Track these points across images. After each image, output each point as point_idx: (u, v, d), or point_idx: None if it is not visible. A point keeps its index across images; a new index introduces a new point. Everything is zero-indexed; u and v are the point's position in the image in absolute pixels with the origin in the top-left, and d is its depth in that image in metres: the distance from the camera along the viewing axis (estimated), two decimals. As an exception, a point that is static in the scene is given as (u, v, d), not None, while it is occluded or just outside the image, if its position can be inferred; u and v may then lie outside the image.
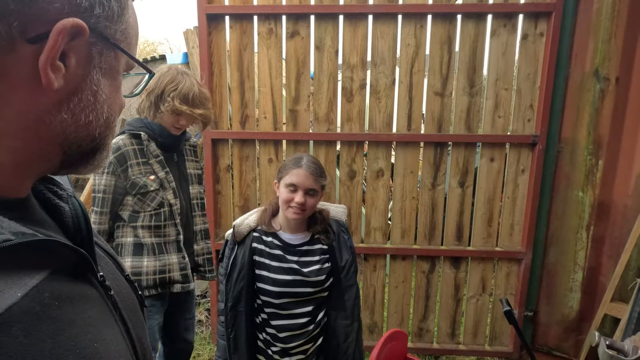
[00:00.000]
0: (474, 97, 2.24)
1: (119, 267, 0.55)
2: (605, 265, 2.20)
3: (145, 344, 0.53)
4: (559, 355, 2.39)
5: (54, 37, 0.35)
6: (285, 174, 1.26)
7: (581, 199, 2.22)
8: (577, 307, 2.30)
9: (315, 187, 1.25)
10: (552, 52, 2.13)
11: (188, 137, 1.72)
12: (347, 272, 1.32)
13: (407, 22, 2.19)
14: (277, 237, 1.31)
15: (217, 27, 2.24)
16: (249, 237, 1.31)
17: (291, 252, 1.30)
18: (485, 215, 2.36)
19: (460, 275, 2.43)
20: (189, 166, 1.71)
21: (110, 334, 0.42)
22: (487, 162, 2.31)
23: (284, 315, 1.30)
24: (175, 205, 1.57)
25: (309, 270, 1.28)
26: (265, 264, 1.29)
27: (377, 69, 2.25)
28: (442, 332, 2.50)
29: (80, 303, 0.39)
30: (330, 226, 1.35)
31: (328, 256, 1.33)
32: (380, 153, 2.32)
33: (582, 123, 2.17)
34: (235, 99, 2.30)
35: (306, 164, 1.25)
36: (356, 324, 1.35)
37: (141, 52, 11.87)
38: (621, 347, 0.74)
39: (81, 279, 0.41)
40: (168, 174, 1.57)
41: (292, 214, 1.25)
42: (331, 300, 1.34)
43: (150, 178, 1.51)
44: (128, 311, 0.49)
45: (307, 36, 2.22)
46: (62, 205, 0.46)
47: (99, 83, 0.41)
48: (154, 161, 1.54)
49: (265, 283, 1.28)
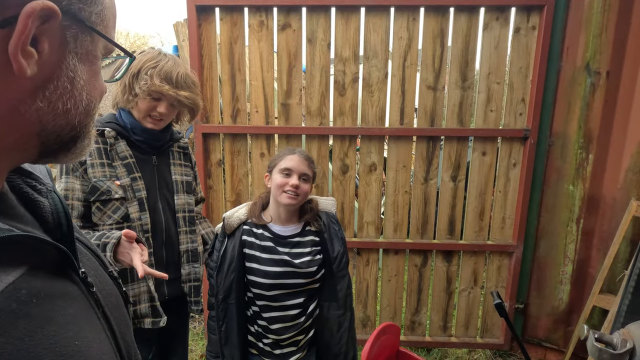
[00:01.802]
0: (467, 91, 2.24)
1: (102, 263, 0.54)
2: (595, 257, 2.23)
3: (130, 341, 0.52)
4: (548, 346, 2.43)
5: (23, 21, 0.33)
6: (278, 161, 1.28)
7: (571, 193, 2.24)
8: (566, 299, 2.33)
9: (309, 173, 1.28)
10: (544, 46, 2.13)
11: (177, 137, 1.44)
12: (339, 263, 1.33)
13: (400, 15, 2.17)
14: (267, 229, 1.31)
15: (207, 19, 2.20)
16: (239, 229, 1.30)
17: (282, 243, 1.29)
18: (477, 209, 2.37)
19: (452, 269, 2.45)
20: (174, 171, 1.40)
21: (93, 332, 0.41)
22: (479, 156, 2.32)
23: (275, 307, 1.29)
24: (139, 221, 1.27)
25: (300, 262, 1.28)
26: (255, 256, 1.28)
27: (370, 63, 2.23)
28: (434, 325, 2.53)
29: (59, 300, 0.38)
30: (320, 217, 1.35)
31: (319, 247, 1.33)
32: (372, 147, 2.32)
33: (573, 117, 2.19)
34: (226, 93, 2.27)
35: (299, 151, 1.30)
36: (349, 313, 1.36)
37: (132, 46, 11.70)
38: (610, 340, 0.75)
39: (61, 275, 0.40)
40: (135, 181, 1.27)
41: (286, 198, 1.25)
42: (323, 291, 1.34)
43: (116, 183, 1.24)
44: (111, 308, 0.48)
45: (298, 29, 2.20)
46: (41, 200, 0.44)
47: (75, 69, 0.39)
48: (119, 164, 1.26)
49: (256, 275, 1.28)
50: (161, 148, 1.38)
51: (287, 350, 1.33)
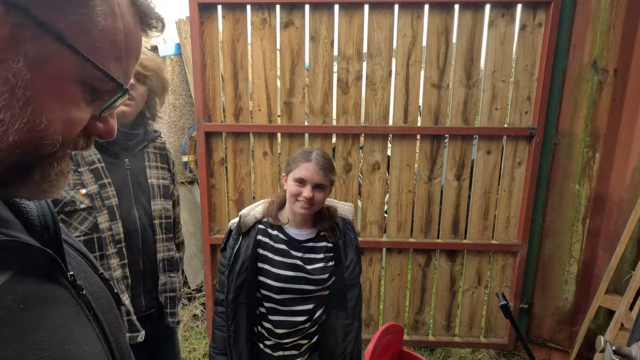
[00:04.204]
0: (471, 89, 2.21)
1: (92, 265, 0.53)
2: (601, 257, 2.21)
3: (123, 343, 0.51)
4: (553, 346, 2.41)
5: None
6: (293, 167, 1.23)
7: (577, 192, 2.22)
8: (571, 300, 2.31)
9: (324, 182, 1.22)
10: (551, 43, 2.10)
11: (152, 137, 1.34)
12: (351, 272, 1.30)
13: (404, 12, 2.14)
14: (282, 231, 1.28)
15: (210, 16, 2.18)
16: (254, 228, 1.27)
17: (296, 247, 1.27)
18: (481, 208, 2.35)
19: (456, 268, 2.43)
20: (150, 175, 1.30)
21: (83, 335, 0.40)
22: (484, 154, 2.29)
23: (283, 311, 1.28)
24: (110, 231, 1.18)
25: (312, 268, 1.26)
26: (268, 257, 1.26)
27: (373, 60, 2.21)
28: (437, 324, 2.51)
29: (48, 304, 0.37)
30: (337, 224, 1.32)
31: (332, 254, 1.30)
32: (376, 146, 2.30)
33: (580, 115, 2.16)
34: (229, 91, 2.26)
35: (315, 158, 1.22)
36: (357, 322, 1.33)
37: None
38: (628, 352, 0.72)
39: (49, 279, 0.40)
40: (104, 187, 1.18)
41: (299, 208, 1.21)
42: (332, 299, 1.32)
43: (81, 192, 1.14)
44: (103, 310, 0.47)
45: (301, 26, 2.18)
46: (27, 203, 0.43)
47: (20, 75, 0.33)
48: (86, 169, 1.16)
49: (267, 277, 1.25)
50: (134, 149, 1.27)
51: (288, 354, 1.31)
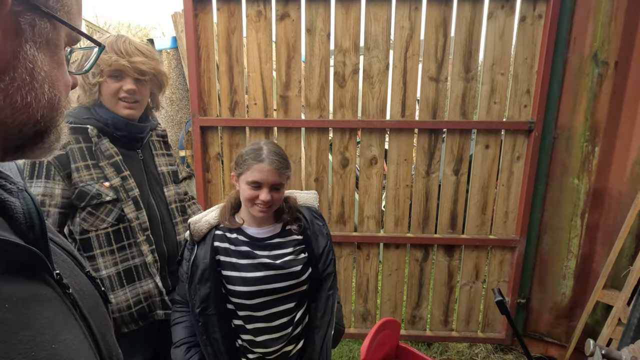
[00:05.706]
0: (470, 82, 2.19)
1: (79, 264, 0.52)
2: (599, 252, 2.19)
3: (111, 342, 0.50)
4: (550, 341, 2.41)
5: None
6: (245, 169, 1.11)
7: (576, 187, 2.20)
8: (569, 294, 2.31)
9: (281, 181, 1.13)
10: (551, 36, 2.07)
11: (154, 126, 1.38)
12: (324, 260, 1.22)
13: (402, 4, 2.11)
14: (242, 233, 1.18)
15: (204, 9, 2.15)
16: (209, 235, 1.18)
17: (259, 246, 1.18)
18: (479, 203, 2.33)
19: (453, 263, 2.42)
20: (159, 163, 1.36)
21: (70, 334, 0.40)
22: (482, 149, 2.27)
23: (260, 317, 1.18)
24: (137, 220, 1.23)
25: (282, 262, 1.17)
26: (232, 263, 1.16)
27: (371, 53, 2.18)
28: (435, 319, 2.51)
29: (33, 304, 0.37)
30: (301, 213, 1.24)
31: (304, 246, 1.22)
32: (373, 140, 2.28)
33: (580, 109, 2.13)
34: (224, 85, 2.23)
35: (268, 157, 1.10)
36: (328, 316, 1.22)
37: (133, 38, 11.58)
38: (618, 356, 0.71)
39: (34, 278, 0.39)
40: (126, 179, 1.22)
41: (257, 212, 1.13)
42: (311, 294, 1.24)
43: (105, 185, 1.17)
44: (90, 309, 0.47)
45: (297, 19, 2.14)
46: (11, 200, 0.42)
47: (34, 59, 0.36)
48: (106, 164, 1.19)
49: (234, 284, 1.15)
50: (143, 140, 1.32)
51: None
